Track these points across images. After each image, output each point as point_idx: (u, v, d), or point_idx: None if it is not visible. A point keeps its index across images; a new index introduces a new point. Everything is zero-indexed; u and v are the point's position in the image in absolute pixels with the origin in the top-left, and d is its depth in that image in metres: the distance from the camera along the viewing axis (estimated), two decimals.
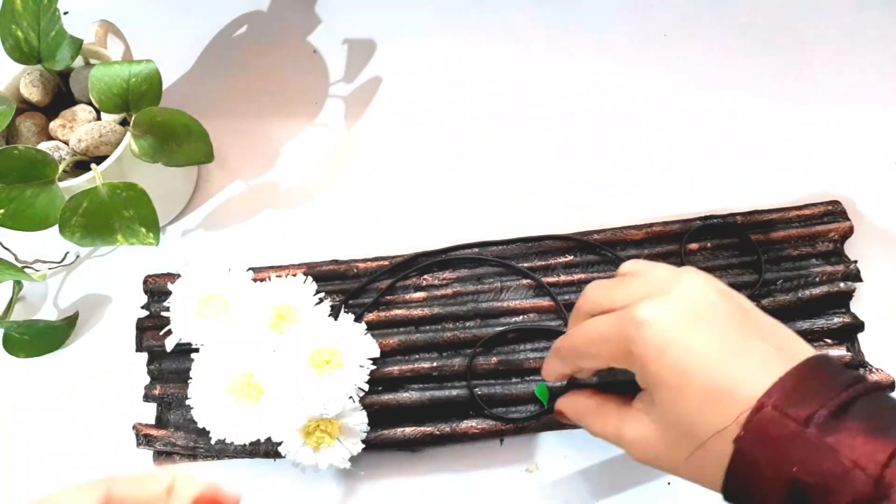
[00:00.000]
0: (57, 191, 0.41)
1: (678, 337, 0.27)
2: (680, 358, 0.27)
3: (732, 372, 0.26)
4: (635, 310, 0.28)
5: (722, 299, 0.28)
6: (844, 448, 0.23)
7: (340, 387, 0.38)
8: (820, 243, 0.47)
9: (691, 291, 0.28)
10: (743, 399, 0.25)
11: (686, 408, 0.27)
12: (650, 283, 0.29)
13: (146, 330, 0.46)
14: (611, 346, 0.29)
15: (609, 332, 0.29)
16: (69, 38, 0.45)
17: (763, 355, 0.26)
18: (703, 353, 0.26)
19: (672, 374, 0.27)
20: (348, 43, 0.60)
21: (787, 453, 0.24)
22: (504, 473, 0.43)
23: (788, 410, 0.24)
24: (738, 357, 0.26)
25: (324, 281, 0.46)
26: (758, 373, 0.26)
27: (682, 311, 0.27)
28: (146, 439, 0.43)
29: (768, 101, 0.55)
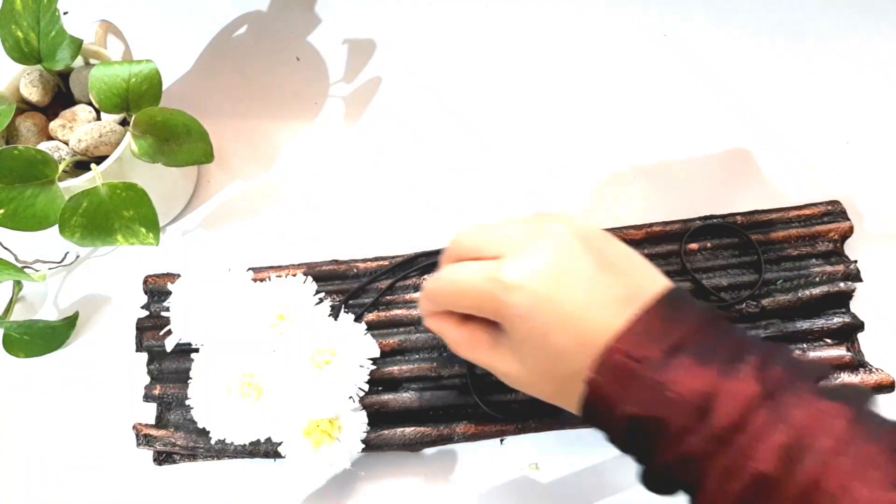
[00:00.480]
0: (57, 191, 0.41)
1: (542, 298, 0.29)
2: (544, 317, 0.29)
3: (587, 323, 0.28)
4: (502, 270, 0.30)
5: (583, 248, 0.30)
6: (673, 384, 0.26)
7: (340, 387, 0.38)
8: (820, 243, 0.47)
9: (553, 247, 0.30)
10: (596, 344, 0.28)
11: (549, 355, 0.30)
12: (515, 237, 0.31)
13: (146, 330, 0.46)
14: (479, 302, 0.31)
15: (477, 288, 0.31)
16: (69, 38, 0.45)
17: (617, 300, 0.29)
18: (564, 308, 0.29)
19: (536, 332, 0.29)
20: (348, 43, 0.60)
21: (627, 392, 0.27)
22: (504, 473, 0.43)
23: (632, 353, 0.27)
24: (593, 308, 0.29)
25: (324, 281, 0.46)
26: (610, 318, 0.28)
27: (545, 271, 0.29)
28: (146, 439, 0.43)
29: (768, 101, 0.55)
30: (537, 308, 0.29)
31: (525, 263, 0.29)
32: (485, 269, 0.31)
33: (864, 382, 0.42)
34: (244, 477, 0.44)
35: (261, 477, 0.44)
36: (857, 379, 0.42)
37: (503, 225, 0.32)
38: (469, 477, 0.43)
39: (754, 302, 0.44)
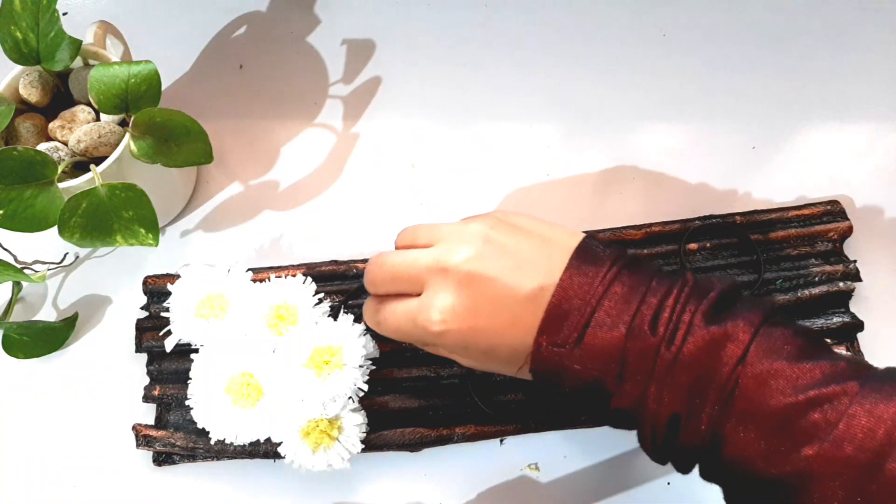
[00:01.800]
0: (56, 192, 0.41)
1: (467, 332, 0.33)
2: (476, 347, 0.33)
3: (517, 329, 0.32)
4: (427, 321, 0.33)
5: (493, 252, 0.33)
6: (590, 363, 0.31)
7: (340, 387, 0.38)
8: (819, 243, 0.47)
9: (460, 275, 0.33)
10: (527, 345, 0.32)
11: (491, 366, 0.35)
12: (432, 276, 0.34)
13: (145, 330, 0.46)
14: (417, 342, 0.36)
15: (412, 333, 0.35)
16: (68, 39, 0.45)
17: (533, 291, 0.32)
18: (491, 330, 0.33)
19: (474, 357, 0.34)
20: (347, 43, 0.60)
21: (563, 373, 0.32)
22: (504, 473, 0.43)
23: (554, 340, 0.31)
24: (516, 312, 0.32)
25: (323, 281, 0.46)
26: (532, 314, 0.32)
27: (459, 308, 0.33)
28: (145, 440, 0.43)
29: (767, 101, 0.55)
30: (468, 340, 0.33)
31: (439, 307, 0.33)
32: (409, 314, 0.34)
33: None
34: (244, 477, 0.44)
35: (260, 477, 0.44)
36: None
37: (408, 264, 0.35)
38: (469, 477, 0.43)
39: None
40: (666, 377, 0.30)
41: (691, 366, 0.29)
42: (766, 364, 0.29)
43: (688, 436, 0.30)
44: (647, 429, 0.31)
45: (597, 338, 0.31)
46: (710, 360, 0.29)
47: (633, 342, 0.30)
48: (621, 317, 0.31)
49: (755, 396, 0.28)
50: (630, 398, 0.31)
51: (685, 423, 0.30)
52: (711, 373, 0.29)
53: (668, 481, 0.42)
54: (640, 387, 0.30)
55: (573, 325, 0.31)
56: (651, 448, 0.32)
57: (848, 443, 0.27)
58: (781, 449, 0.28)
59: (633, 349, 0.30)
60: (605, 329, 0.31)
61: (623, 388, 0.31)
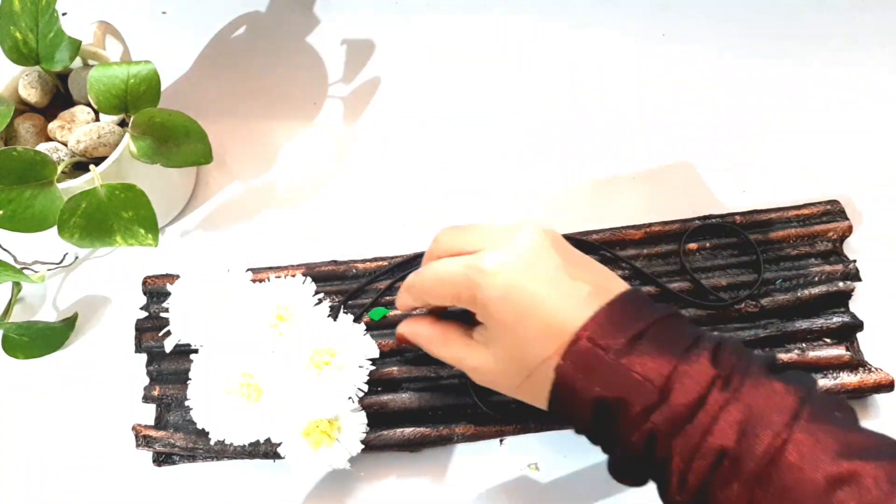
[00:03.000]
0: (56, 192, 0.41)
1: (516, 284, 0.31)
2: (517, 302, 0.31)
3: (558, 312, 0.30)
4: (481, 259, 0.32)
5: (553, 247, 0.32)
6: (636, 366, 0.29)
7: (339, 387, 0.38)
8: (819, 243, 0.47)
9: (528, 242, 0.32)
10: (564, 333, 0.30)
11: (520, 343, 0.31)
12: (494, 234, 0.33)
13: (145, 331, 0.46)
14: (457, 289, 0.33)
15: (457, 276, 0.33)
16: (67, 39, 0.45)
17: (584, 293, 0.31)
18: (536, 296, 0.31)
19: (510, 315, 0.31)
20: (347, 43, 0.60)
21: (593, 376, 0.29)
22: (504, 473, 0.43)
23: (598, 341, 0.29)
24: (563, 299, 0.31)
25: (323, 281, 0.46)
26: (578, 310, 0.30)
27: (520, 261, 0.31)
28: (145, 440, 0.43)
29: (767, 101, 0.55)
30: (512, 292, 0.31)
31: (501, 254, 0.32)
32: (464, 259, 0.33)
33: (863, 382, 0.42)
34: (244, 478, 0.44)
35: (260, 477, 0.44)
36: (856, 378, 0.42)
37: (480, 226, 0.34)
38: (469, 477, 0.43)
39: (753, 301, 0.44)
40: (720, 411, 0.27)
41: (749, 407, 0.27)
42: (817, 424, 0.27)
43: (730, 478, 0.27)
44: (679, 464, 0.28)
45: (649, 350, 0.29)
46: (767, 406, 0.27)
47: (689, 365, 0.28)
48: (678, 342, 0.29)
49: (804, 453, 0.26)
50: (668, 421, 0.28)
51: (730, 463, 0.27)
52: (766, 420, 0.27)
53: None
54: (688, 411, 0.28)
55: (625, 331, 0.29)
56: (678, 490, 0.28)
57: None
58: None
59: (688, 372, 0.28)
60: (658, 345, 0.29)
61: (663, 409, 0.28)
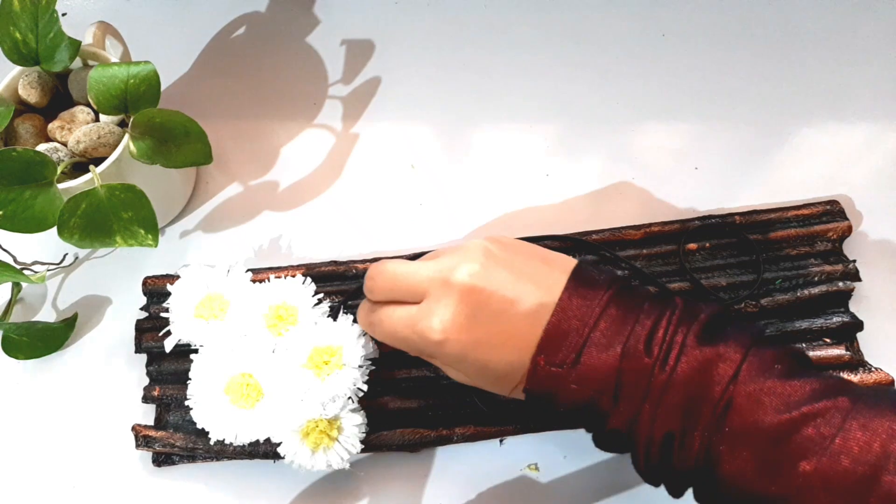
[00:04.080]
0: (55, 192, 0.41)
1: (466, 347, 0.33)
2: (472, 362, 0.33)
3: (513, 350, 0.33)
4: (427, 326, 0.33)
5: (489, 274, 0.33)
6: (587, 382, 0.31)
7: (339, 387, 0.38)
8: (818, 243, 0.47)
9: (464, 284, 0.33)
10: (522, 366, 0.33)
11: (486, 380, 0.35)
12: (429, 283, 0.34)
13: (145, 331, 0.46)
14: (412, 348, 0.35)
15: (410, 342, 0.34)
16: (67, 40, 0.45)
17: (532, 311, 0.32)
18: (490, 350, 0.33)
19: (471, 370, 0.34)
20: (347, 44, 0.60)
21: (559, 392, 0.32)
22: (504, 473, 0.43)
23: (551, 360, 0.32)
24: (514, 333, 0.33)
25: (323, 281, 0.46)
26: (531, 330, 0.32)
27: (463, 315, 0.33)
28: (145, 440, 0.43)
29: (767, 101, 0.55)
30: (465, 357, 0.33)
31: (443, 312, 0.33)
32: (411, 324, 0.34)
33: (863, 381, 0.42)
34: (244, 478, 0.44)
35: (260, 478, 0.44)
36: (856, 378, 0.42)
37: (410, 272, 0.35)
38: (469, 477, 0.43)
39: (753, 301, 0.44)
40: (660, 397, 0.30)
41: (685, 385, 0.30)
42: (758, 382, 0.29)
43: (681, 456, 0.30)
44: (641, 449, 0.31)
45: (593, 357, 0.31)
46: (702, 380, 0.30)
47: (628, 362, 0.31)
48: (617, 337, 0.31)
49: (748, 414, 0.29)
50: (624, 417, 0.31)
51: (679, 443, 0.30)
52: (704, 392, 0.30)
53: None
54: (635, 406, 0.31)
55: (571, 345, 0.32)
56: (644, 469, 0.32)
57: (845, 456, 0.27)
58: (777, 465, 0.28)
59: (628, 369, 0.31)
60: (601, 349, 0.31)
61: (618, 409, 0.31)
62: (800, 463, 0.28)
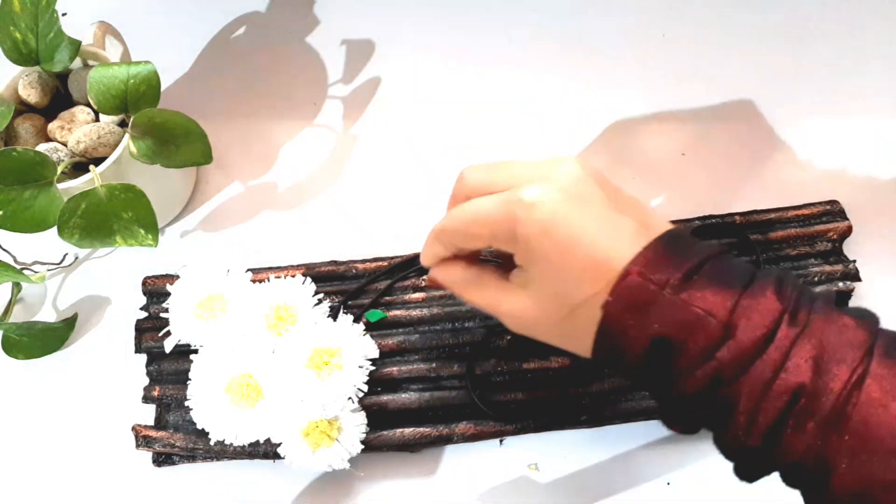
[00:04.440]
0: (55, 192, 0.41)
1: (561, 216, 0.28)
2: (562, 235, 0.28)
3: (605, 246, 0.28)
4: (522, 192, 0.29)
5: (597, 182, 0.30)
6: (696, 301, 0.26)
7: (339, 387, 0.38)
8: (819, 243, 0.47)
9: (569, 175, 0.30)
10: (612, 269, 0.27)
11: (563, 279, 0.29)
12: (531, 169, 0.30)
13: (145, 331, 0.46)
14: (495, 226, 0.30)
15: (494, 211, 0.30)
16: (67, 40, 0.45)
17: (631, 230, 0.28)
18: (582, 230, 0.28)
19: (553, 249, 0.29)
20: (347, 44, 0.60)
21: (648, 313, 0.27)
22: (504, 473, 0.43)
23: (650, 276, 0.27)
24: (610, 233, 0.28)
25: (323, 282, 0.46)
26: (626, 245, 0.28)
27: (564, 194, 0.29)
28: (145, 441, 0.43)
29: (767, 101, 0.55)
30: (555, 225, 0.28)
31: (543, 186, 0.29)
32: (501, 194, 0.30)
33: None
34: (243, 478, 0.44)
35: (260, 478, 0.44)
36: None
37: (513, 161, 0.31)
38: (469, 477, 0.43)
39: None
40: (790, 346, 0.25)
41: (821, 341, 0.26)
42: None
43: None
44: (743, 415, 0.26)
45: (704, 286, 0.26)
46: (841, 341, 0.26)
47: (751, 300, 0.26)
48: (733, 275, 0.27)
49: None
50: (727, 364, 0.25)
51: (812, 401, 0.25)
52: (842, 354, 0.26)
53: (668, 481, 0.42)
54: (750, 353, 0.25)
55: (678, 266, 0.27)
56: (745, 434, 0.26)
57: None
58: None
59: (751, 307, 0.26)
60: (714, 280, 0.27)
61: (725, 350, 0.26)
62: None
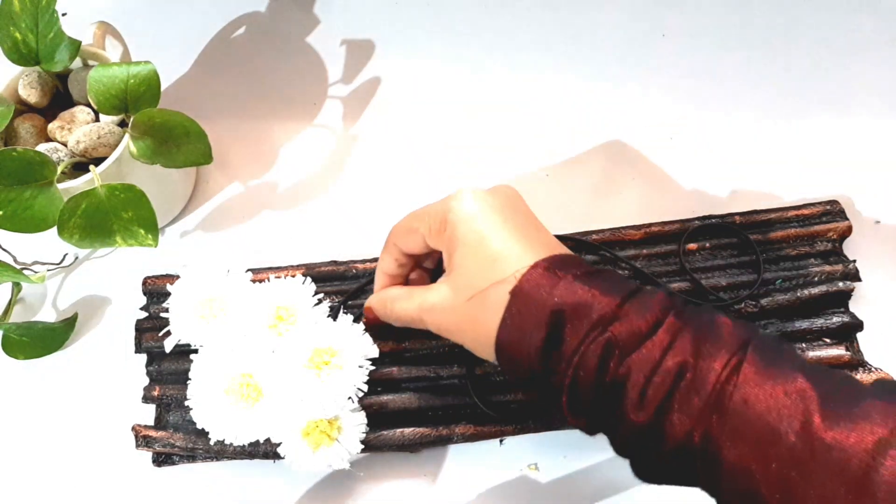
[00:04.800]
0: (55, 192, 0.41)
1: (487, 210, 0.35)
2: (484, 225, 0.34)
3: (520, 239, 0.34)
4: (460, 191, 0.36)
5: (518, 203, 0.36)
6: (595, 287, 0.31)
7: (339, 387, 0.38)
8: (818, 243, 0.47)
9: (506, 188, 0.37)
10: (523, 258, 0.33)
11: (479, 266, 0.34)
12: None
13: (145, 331, 0.46)
14: (431, 217, 0.36)
15: (432, 206, 0.37)
16: (67, 40, 0.45)
17: (546, 240, 0.35)
18: (502, 226, 0.34)
19: (474, 236, 0.34)
20: (346, 44, 0.60)
21: (551, 290, 0.31)
22: (504, 473, 0.43)
23: (556, 270, 0.32)
24: (526, 236, 0.34)
25: (323, 282, 0.46)
26: (540, 248, 0.33)
27: (495, 197, 0.35)
28: (145, 440, 0.43)
29: (767, 101, 0.55)
30: (481, 215, 0.34)
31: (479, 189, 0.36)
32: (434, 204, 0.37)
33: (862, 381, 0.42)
34: (243, 478, 0.44)
35: (260, 478, 0.44)
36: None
37: None
38: (469, 477, 0.43)
39: (753, 302, 0.44)
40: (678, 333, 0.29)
41: None
42: None
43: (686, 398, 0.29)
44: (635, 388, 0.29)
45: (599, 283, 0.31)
46: None
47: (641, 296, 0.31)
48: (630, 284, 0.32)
49: None
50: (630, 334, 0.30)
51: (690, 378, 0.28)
52: None
53: None
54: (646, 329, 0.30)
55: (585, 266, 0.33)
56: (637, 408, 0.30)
57: None
58: None
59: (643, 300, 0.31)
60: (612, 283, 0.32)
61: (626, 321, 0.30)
62: None
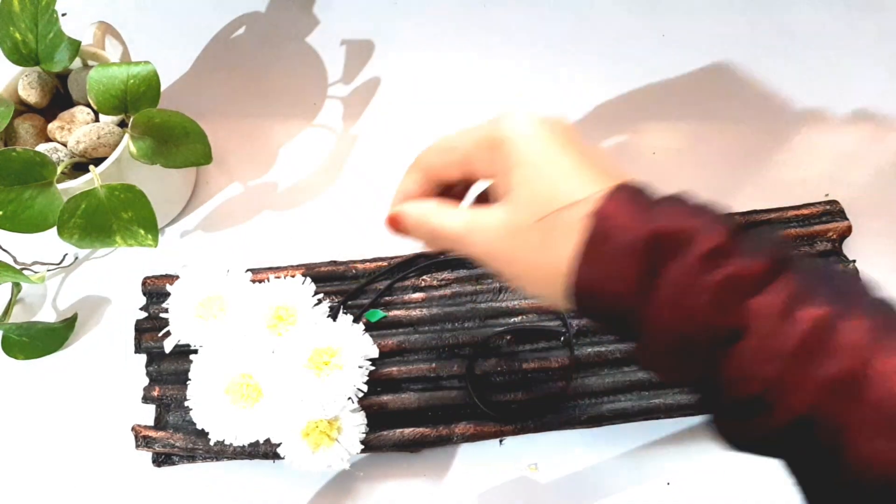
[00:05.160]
0: (55, 193, 0.41)
1: (546, 130, 0.28)
2: (547, 143, 0.28)
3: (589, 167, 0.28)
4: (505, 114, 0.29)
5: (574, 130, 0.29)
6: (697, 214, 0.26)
7: (339, 388, 0.38)
8: (818, 243, 0.47)
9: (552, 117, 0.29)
10: (606, 176, 0.27)
11: (546, 186, 0.27)
12: None
13: (145, 331, 0.46)
14: (474, 140, 0.30)
15: (475, 129, 0.30)
16: (67, 40, 0.45)
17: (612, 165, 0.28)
18: (566, 147, 0.28)
19: (537, 155, 0.28)
20: (346, 44, 0.60)
21: (644, 217, 0.25)
22: (504, 473, 0.43)
23: (641, 192, 0.26)
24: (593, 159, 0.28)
25: (323, 282, 0.46)
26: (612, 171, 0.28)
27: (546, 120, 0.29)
28: (145, 441, 0.43)
29: (767, 101, 0.55)
30: (541, 132, 0.28)
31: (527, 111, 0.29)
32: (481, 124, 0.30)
33: None
34: (243, 478, 0.44)
35: (260, 478, 0.44)
36: None
37: None
38: (469, 477, 0.43)
39: None
40: None
41: None
42: None
43: None
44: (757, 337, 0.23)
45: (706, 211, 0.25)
46: None
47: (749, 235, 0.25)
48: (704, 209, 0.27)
49: None
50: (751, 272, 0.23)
51: None
52: None
53: (668, 481, 0.42)
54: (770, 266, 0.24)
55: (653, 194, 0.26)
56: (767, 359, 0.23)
57: None
58: None
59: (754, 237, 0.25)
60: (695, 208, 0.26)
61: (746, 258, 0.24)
62: None
